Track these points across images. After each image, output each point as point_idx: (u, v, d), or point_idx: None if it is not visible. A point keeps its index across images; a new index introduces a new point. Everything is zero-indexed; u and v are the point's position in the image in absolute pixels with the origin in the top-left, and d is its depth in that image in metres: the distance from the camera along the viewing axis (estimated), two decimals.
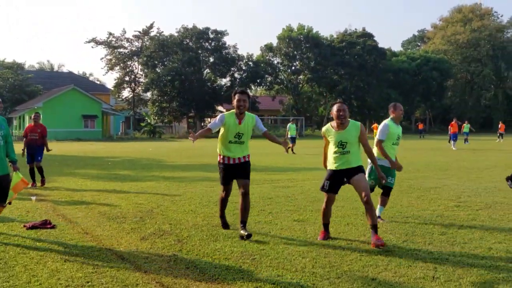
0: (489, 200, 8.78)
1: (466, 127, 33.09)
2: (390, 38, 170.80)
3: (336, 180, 5.87)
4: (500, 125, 37.33)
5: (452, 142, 27.39)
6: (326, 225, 6.04)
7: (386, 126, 6.83)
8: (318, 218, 7.12)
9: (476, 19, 75.41)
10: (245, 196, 6.15)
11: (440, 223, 6.84)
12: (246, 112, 6.25)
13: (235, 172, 6.26)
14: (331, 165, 5.89)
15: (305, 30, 62.48)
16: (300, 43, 62.40)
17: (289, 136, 23.52)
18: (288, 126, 24.61)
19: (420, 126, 54.43)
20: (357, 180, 5.72)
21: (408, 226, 6.63)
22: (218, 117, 6.25)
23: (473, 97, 75.27)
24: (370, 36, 66.02)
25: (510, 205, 8.24)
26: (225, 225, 6.59)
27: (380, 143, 6.72)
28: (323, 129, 6.06)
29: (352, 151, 5.76)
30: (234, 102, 6.16)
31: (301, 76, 66.48)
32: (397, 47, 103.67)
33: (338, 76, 64.99)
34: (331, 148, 5.88)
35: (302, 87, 67.00)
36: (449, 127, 28.75)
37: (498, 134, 37.28)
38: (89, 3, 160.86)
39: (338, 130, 5.80)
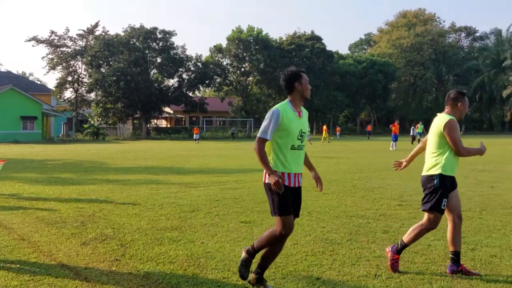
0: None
1: (420, 127, 33.96)
2: (338, 41, 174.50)
3: None
4: None
5: (392, 143, 28.07)
6: None
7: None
8: (265, 219, 7.13)
9: (419, 24, 78.22)
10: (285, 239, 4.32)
11: (383, 221, 7.00)
12: None
13: (295, 198, 4.29)
14: None
15: (255, 32, 62.73)
16: (249, 44, 62.57)
17: None
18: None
19: (369, 128, 55.64)
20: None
21: (352, 225, 6.74)
22: (269, 115, 4.13)
23: (416, 99, 78.00)
24: (318, 39, 67.11)
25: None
26: (246, 276, 4.38)
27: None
28: None
29: None
30: (300, 84, 4.22)
31: (250, 78, 66.69)
32: (344, 50, 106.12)
33: None
34: None
35: (251, 89, 67.24)
36: (391, 127, 29.41)
37: None
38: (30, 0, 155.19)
39: None
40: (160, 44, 58.57)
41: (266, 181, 4.15)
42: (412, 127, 36.10)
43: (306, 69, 58.30)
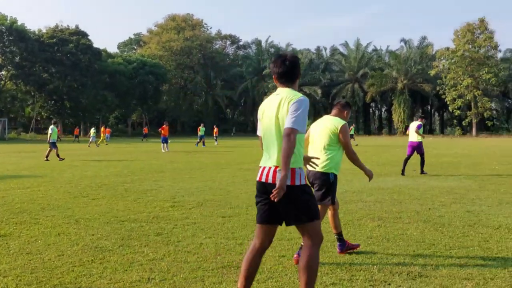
0: (201, 198, 9.36)
1: (201, 130, 34.68)
2: (106, 39, 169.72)
3: None
4: (215, 129, 40.39)
5: (163, 145, 28.04)
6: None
7: None
8: (24, 231, 6.40)
9: (188, 29, 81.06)
10: None
11: (156, 224, 6.93)
12: None
13: None
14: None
15: (8, 21, 56.48)
16: (2, 34, 56.23)
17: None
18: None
19: (145, 130, 54.82)
20: None
21: (124, 230, 6.51)
22: (301, 104, 3.49)
23: (187, 102, 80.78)
24: (84, 34, 64.13)
25: (219, 202, 8.94)
26: None
27: None
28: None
29: None
30: (299, 73, 3.84)
31: (3, 72, 59.93)
32: (113, 49, 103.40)
33: (49, 75, 61.20)
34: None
35: (5, 85, 60.52)
36: (160, 130, 29.52)
37: (214, 138, 39.75)
38: None
39: None
40: None
41: (302, 183, 3.54)
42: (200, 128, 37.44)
43: (70, 66, 54.54)
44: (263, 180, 3.63)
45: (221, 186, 11.21)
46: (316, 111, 79.74)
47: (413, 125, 14.79)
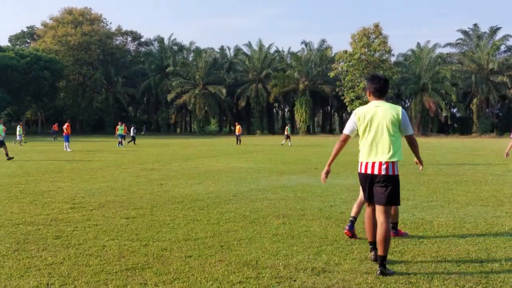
0: (103, 199, 9.03)
1: (120, 129, 32.94)
2: None
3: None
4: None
5: (66, 143, 27.05)
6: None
7: None
8: None
9: (86, 23, 77.63)
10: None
11: (54, 226, 6.58)
12: None
13: None
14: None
15: None
16: None
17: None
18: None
19: (55, 128, 49.46)
20: None
21: (19, 234, 6.12)
22: (405, 113, 5.08)
23: (86, 99, 77.32)
24: None
25: (121, 203, 8.67)
26: None
27: None
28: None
29: None
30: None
31: None
32: (3, 42, 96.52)
33: None
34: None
35: None
36: (64, 128, 28.36)
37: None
38: None
39: None
40: None
41: (397, 173, 4.87)
42: (132, 127, 36.51)
43: None
44: (369, 172, 4.88)
45: (124, 187, 10.90)
46: (221, 110, 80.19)
47: None
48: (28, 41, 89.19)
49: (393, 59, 70.99)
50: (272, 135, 73.38)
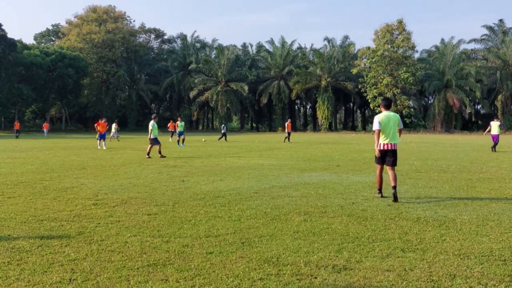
0: (125, 196, 9.10)
1: (180, 125, 30.77)
2: (22, 30, 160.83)
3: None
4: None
5: (98, 141, 26.75)
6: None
7: None
8: None
9: (110, 21, 78.36)
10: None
11: (77, 222, 6.66)
12: None
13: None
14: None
15: None
16: None
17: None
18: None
19: (17, 126, 47.58)
20: None
21: (43, 230, 6.20)
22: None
23: (109, 96, 78.16)
24: None
25: (143, 199, 8.73)
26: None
27: None
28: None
29: None
30: None
31: None
32: (29, 40, 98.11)
33: None
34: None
35: None
36: (96, 126, 27.82)
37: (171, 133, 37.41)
38: None
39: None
40: None
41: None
42: (223, 125, 37.24)
43: None
44: (387, 148, 8.77)
45: (146, 183, 10.97)
46: (243, 107, 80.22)
47: (495, 124, 23.84)
48: (53, 39, 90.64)
49: (416, 55, 70.12)
50: (294, 131, 73.12)
